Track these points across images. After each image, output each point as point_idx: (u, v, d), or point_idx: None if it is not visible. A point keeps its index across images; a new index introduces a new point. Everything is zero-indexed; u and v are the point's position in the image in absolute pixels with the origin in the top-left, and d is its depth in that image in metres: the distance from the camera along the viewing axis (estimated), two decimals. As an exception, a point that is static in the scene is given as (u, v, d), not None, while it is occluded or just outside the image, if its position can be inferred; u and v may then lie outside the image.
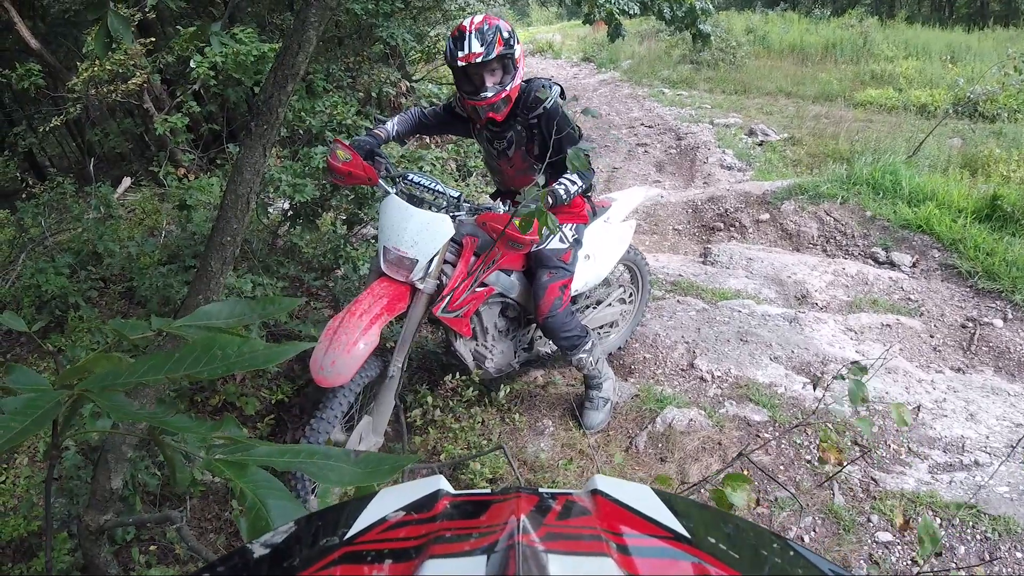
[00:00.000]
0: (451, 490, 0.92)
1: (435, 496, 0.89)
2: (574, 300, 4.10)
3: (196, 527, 3.41)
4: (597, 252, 4.05)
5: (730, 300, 5.42)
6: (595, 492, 0.88)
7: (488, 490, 0.95)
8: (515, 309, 3.89)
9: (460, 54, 3.24)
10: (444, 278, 3.41)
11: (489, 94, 3.36)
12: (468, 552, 0.69)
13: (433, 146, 7.84)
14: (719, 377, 4.37)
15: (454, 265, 3.45)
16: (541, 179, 2.77)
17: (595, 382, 4.01)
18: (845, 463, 2.47)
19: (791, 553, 0.80)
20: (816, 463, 3.65)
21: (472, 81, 3.40)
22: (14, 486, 3.43)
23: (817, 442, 3.79)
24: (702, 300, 5.44)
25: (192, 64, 5.81)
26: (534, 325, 4.04)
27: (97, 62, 6.32)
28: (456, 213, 3.37)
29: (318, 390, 3.18)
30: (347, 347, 3.04)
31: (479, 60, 3.24)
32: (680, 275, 6.10)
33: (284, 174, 4.58)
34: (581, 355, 3.82)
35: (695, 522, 0.82)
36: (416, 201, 3.41)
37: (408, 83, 8.13)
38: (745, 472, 3.63)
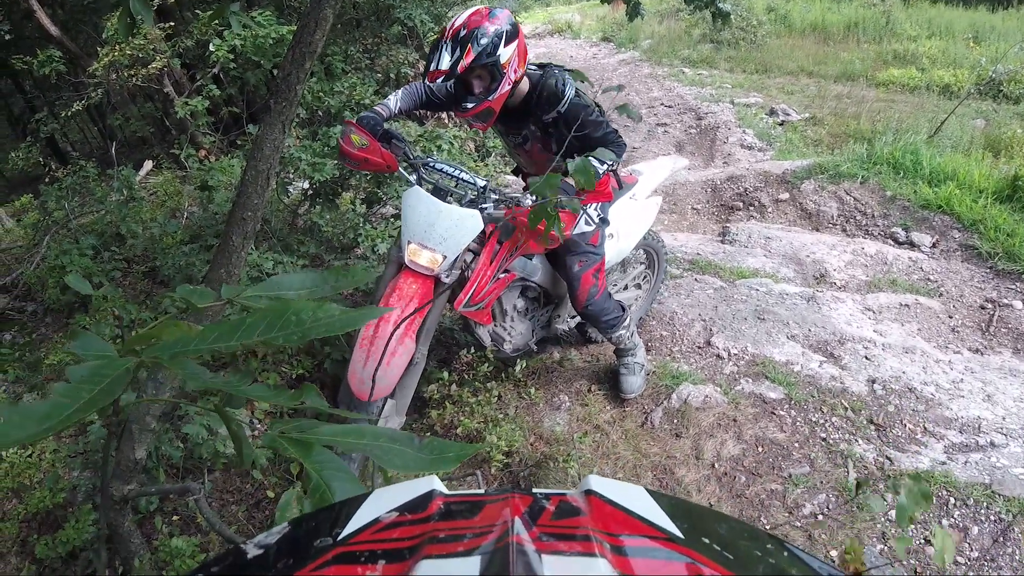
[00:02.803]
0: (445, 490, 0.93)
1: (429, 496, 0.90)
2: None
3: (218, 499, 3.46)
4: (620, 230, 3.94)
5: (748, 279, 5.41)
6: (589, 492, 0.88)
7: (482, 491, 0.97)
8: (535, 290, 3.85)
9: (431, 68, 2.95)
10: (468, 271, 3.32)
11: (469, 105, 3.12)
12: (462, 553, 0.70)
13: (451, 125, 7.85)
14: (735, 355, 4.38)
15: (477, 253, 3.36)
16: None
17: (627, 352, 4.03)
18: (865, 572, 2.43)
19: (785, 553, 0.81)
20: (831, 441, 3.67)
21: (462, 87, 3.18)
22: (40, 460, 3.49)
23: (832, 420, 3.80)
24: (720, 279, 5.44)
25: (211, 47, 5.86)
26: (553, 305, 4.03)
27: (117, 47, 6.38)
28: (484, 206, 3.22)
29: (349, 393, 3.16)
30: (387, 359, 2.98)
31: (441, 80, 3.00)
32: (699, 254, 6.10)
33: (304, 153, 4.62)
34: (620, 331, 3.83)
35: (688, 522, 0.83)
36: (440, 193, 3.26)
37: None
38: (760, 448, 3.66)
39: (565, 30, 22.26)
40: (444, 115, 8.05)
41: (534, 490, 0.92)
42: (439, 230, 3.17)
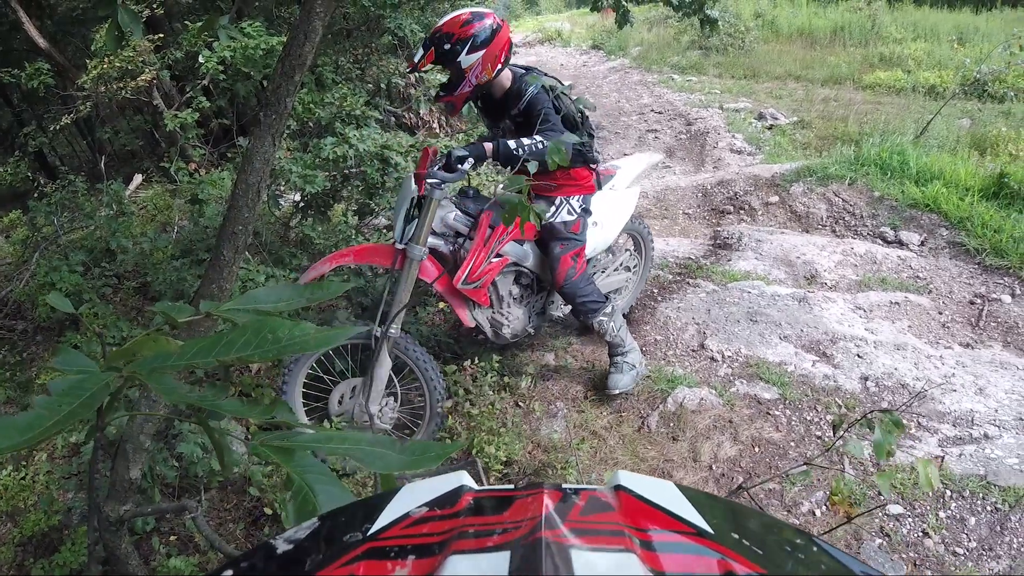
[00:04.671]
0: (474, 486, 0.92)
1: (458, 492, 0.89)
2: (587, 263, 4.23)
3: (215, 517, 3.45)
4: (604, 219, 4.20)
5: (740, 281, 5.44)
6: (618, 488, 0.88)
7: (511, 486, 0.96)
8: (528, 276, 4.08)
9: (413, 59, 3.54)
10: (463, 251, 3.67)
11: (442, 94, 3.66)
12: (492, 548, 0.69)
13: (442, 135, 7.86)
14: (729, 357, 4.40)
15: (471, 239, 3.66)
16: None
17: (619, 350, 4.10)
18: (855, 515, 2.44)
19: (814, 549, 0.81)
20: (826, 439, 3.69)
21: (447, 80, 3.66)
22: (33, 482, 3.48)
23: (828, 418, 3.83)
24: (712, 282, 5.46)
25: (201, 59, 5.85)
26: (547, 291, 4.19)
27: (106, 60, 6.35)
28: (431, 180, 3.45)
29: None
30: (305, 274, 3.53)
31: (411, 70, 3.64)
32: (690, 258, 6.13)
33: (295, 166, 4.62)
34: (601, 318, 3.95)
35: (718, 518, 0.82)
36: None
37: (417, 74, 8.15)
38: (756, 449, 3.67)
39: (555, 38, 22.33)
40: (436, 126, 8.09)
41: (563, 485, 0.90)
42: (398, 199, 3.65)
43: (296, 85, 2.95)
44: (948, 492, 3.32)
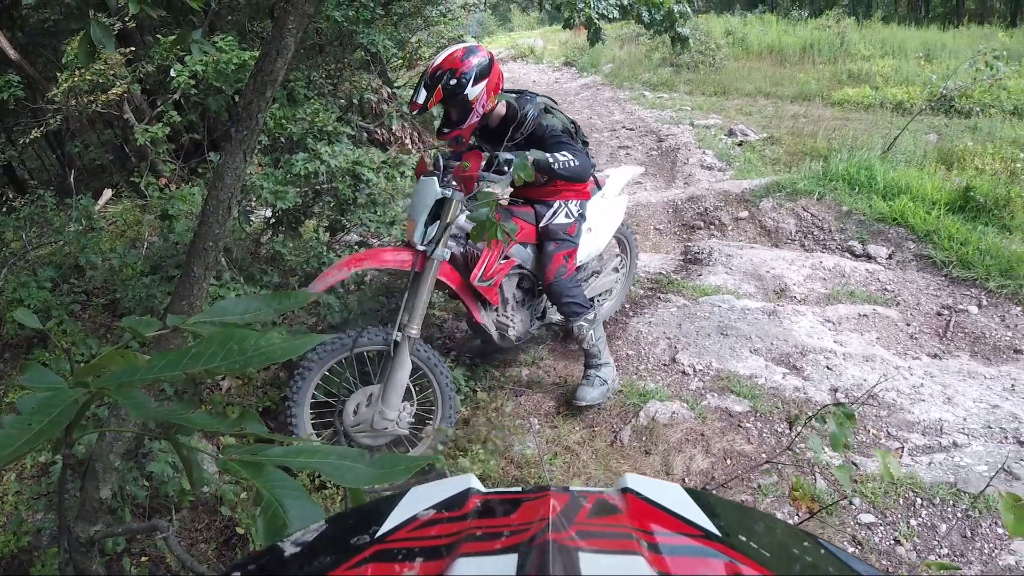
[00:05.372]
0: (482, 488, 0.92)
1: (466, 494, 0.89)
2: (578, 271, 4.35)
3: (186, 537, 3.40)
4: (597, 225, 4.40)
5: (710, 296, 5.48)
6: (626, 491, 0.88)
7: (519, 488, 0.95)
8: (530, 280, 4.24)
9: (412, 101, 3.65)
10: (475, 251, 3.78)
11: (445, 131, 3.75)
12: (499, 551, 0.69)
13: (414, 151, 7.86)
14: (700, 370, 4.43)
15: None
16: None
17: (594, 361, 4.15)
18: (816, 511, 2.48)
19: (822, 552, 0.81)
20: (798, 450, 3.72)
21: (446, 115, 3.77)
22: (2, 503, 3.42)
23: (795, 430, 3.86)
24: (683, 297, 5.50)
25: (172, 73, 5.81)
26: (545, 295, 4.27)
27: (77, 73, 6.29)
28: (445, 178, 3.66)
29: None
30: (323, 277, 3.54)
31: (416, 112, 3.68)
32: (661, 273, 6.18)
33: (266, 181, 4.59)
34: (582, 323, 4.03)
35: (726, 520, 0.82)
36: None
37: (389, 89, 8.16)
38: (728, 461, 3.69)
39: (528, 55, 22.47)
40: (408, 142, 8.09)
41: (571, 488, 0.91)
42: (414, 200, 3.68)
43: (268, 100, 2.95)
44: (919, 500, 3.36)
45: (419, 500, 0.89)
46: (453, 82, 3.54)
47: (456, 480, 0.94)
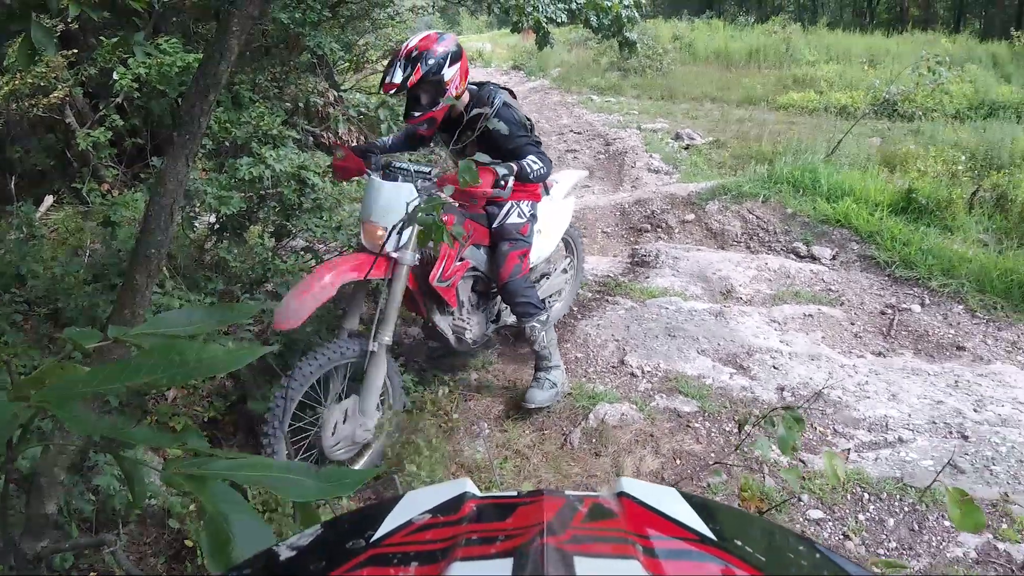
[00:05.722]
0: (477, 492, 0.92)
1: (461, 498, 0.89)
2: (530, 272, 4.38)
3: (135, 551, 3.33)
4: (547, 227, 4.43)
5: (658, 298, 5.53)
6: (621, 495, 0.88)
7: (514, 492, 0.95)
8: (484, 282, 4.24)
9: (385, 80, 3.60)
10: (432, 252, 3.70)
11: (416, 114, 3.69)
12: (495, 555, 0.70)
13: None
14: (649, 372, 4.47)
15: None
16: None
17: (545, 364, 4.13)
18: (764, 511, 2.51)
19: (817, 555, 0.82)
20: (745, 449, 3.76)
21: (412, 100, 3.69)
22: (-58, 520, 3.33)
23: (745, 429, 3.90)
24: (631, 299, 5.55)
25: (115, 76, 5.72)
26: (500, 297, 4.28)
27: (18, 76, 6.15)
28: (419, 181, 3.61)
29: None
30: (302, 294, 3.27)
31: (394, 92, 3.66)
32: (609, 276, 6.22)
33: (210, 186, 4.53)
34: (535, 323, 4.03)
35: (721, 524, 0.83)
36: (391, 178, 3.68)
37: (336, 93, 8.09)
38: (677, 461, 3.73)
39: (476, 58, 22.45)
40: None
41: (566, 492, 0.92)
42: (380, 204, 3.58)
43: (211, 104, 2.91)
44: (867, 495, 3.42)
45: (415, 504, 0.89)
46: (432, 61, 3.54)
47: (451, 484, 0.94)
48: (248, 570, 0.78)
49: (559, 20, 7.81)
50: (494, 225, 4.07)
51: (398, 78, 3.54)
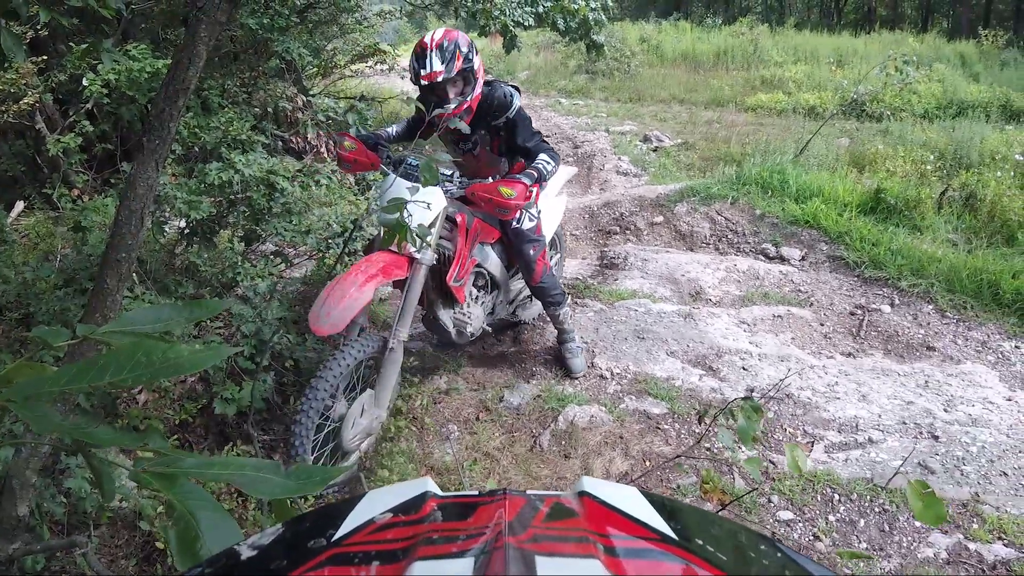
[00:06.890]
0: (439, 492, 0.93)
1: (422, 498, 0.89)
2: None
3: (106, 554, 3.33)
4: (544, 222, 4.49)
5: (627, 300, 5.58)
6: (582, 494, 0.89)
7: (475, 492, 0.96)
8: (484, 278, 4.37)
9: (423, 72, 3.52)
10: (446, 252, 3.79)
11: (452, 106, 3.62)
12: (456, 554, 0.71)
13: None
14: (618, 374, 4.51)
15: (450, 240, 3.82)
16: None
17: (568, 336, 4.59)
18: (727, 503, 2.55)
19: (778, 554, 0.83)
20: (715, 450, 3.82)
21: (436, 94, 3.67)
22: (-86, 524, 3.31)
23: (714, 430, 3.95)
24: (600, 301, 5.58)
25: (85, 82, 5.69)
26: (495, 292, 4.44)
27: (-14, 82, 6.11)
28: (447, 187, 3.73)
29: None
30: (341, 300, 3.26)
31: (441, 78, 3.53)
32: (578, 278, 6.26)
33: (180, 191, 4.53)
34: (565, 309, 4.48)
35: (682, 523, 0.84)
36: (412, 179, 3.60)
37: (305, 98, 8.08)
38: (647, 462, 3.77)
39: (444, 62, 22.40)
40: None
41: (528, 492, 0.92)
42: (408, 207, 3.49)
43: (180, 109, 2.92)
44: (836, 496, 3.47)
45: (376, 503, 0.89)
46: (466, 49, 3.57)
47: (413, 483, 0.95)
48: (210, 569, 0.78)
49: (526, 23, 7.87)
50: (511, 228, 4.17)
51: (438, 67, 3.50)
